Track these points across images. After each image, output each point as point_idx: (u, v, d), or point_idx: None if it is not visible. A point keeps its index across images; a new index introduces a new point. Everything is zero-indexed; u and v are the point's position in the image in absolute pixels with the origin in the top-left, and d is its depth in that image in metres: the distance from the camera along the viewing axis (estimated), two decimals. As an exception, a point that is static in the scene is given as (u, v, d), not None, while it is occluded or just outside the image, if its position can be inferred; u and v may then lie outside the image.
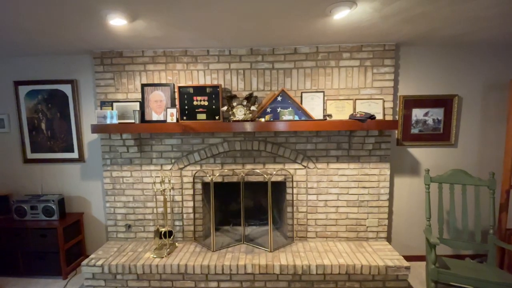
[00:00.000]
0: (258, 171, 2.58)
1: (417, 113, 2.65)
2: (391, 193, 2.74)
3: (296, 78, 2.54)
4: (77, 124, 2.75)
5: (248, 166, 2.63)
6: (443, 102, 2.62)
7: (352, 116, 2.34)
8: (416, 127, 2.66)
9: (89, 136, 2.78)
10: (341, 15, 1.79)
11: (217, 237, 2.70)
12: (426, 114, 2.65)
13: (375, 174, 2.59)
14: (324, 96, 2.50)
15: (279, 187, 2.79)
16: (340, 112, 2.48)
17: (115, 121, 2.46)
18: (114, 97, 2.62)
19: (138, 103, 2.56)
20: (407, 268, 2.21)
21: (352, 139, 2.51)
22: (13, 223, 2.59)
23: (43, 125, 2.77)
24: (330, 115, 2.40)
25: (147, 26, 1.96)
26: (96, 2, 1.57)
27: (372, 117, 2.27)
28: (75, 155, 2.79)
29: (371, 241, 2.65)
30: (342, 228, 2.65)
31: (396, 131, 2.68)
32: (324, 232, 2.66)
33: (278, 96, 2.44)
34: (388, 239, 2.79)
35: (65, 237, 2.60)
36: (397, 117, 2.65)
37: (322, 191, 2.62)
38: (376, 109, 2.48)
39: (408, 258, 2.77)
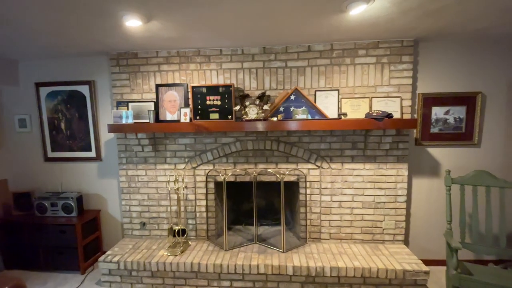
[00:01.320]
0: (270, 170, 2.56)
1: (437, 112, 2.54)
2: (409, 195, 2.65)
3: (309, 76, 2.49)
4: (94, 124, 2.83)
5: (261, 166, 2.61)
6: (465, 99, 2.50)
7: (368, 115, 2.27)
8: (436, 126, 2.55)
9: (105, 136, 2.86)
10: (358, 11, 1.74)
11: (229, 236, 2.71)
12: (447, 113, 2.54)
13: (392, 175, 2.50)
14: (338, 94, 2.44)
15: (292, 187, 2.76)
16: (356, 110, 2.41)
17: (131, 121, 2.50)
18: (129, 97, 2.68)
19: (152, 103, 2.60)
20: (426, 272, 2.12)
21: (368, 138, 2.44)
22: (35, 219, 2.70)
23: (62, 125, 2.87)
24: (345, 114, 2.34)
25: (161, 26, 1.98)
26: (113, 4, 1.60)
27: (389, 115, 2.20)
28: (92, 154, 2.88)
29: (388, 244, 2.57)
30: (357, 230, 2.58)
31: (415, 130, 2.58)
32: (338, 234, 2.60)
33: (291, 95, 2.41)
34: (406, 242, 2.70)
35: (83, 233, 2.68)
36: (415, 115, 2.56)
37: (337, 191, 2.56)
38: (394, 107, 2.40)
39: (427, 262, 2.66)
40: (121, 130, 2.43)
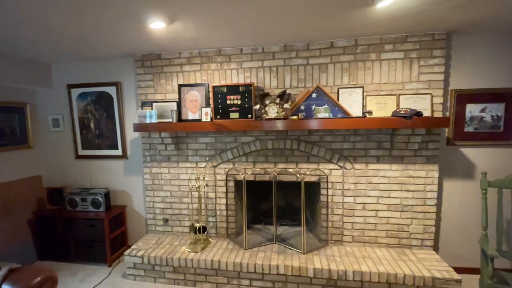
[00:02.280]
0: (290, 170, 2.52)
1: (472, 109, 2.36)
2: (439, 198, 2.49)
3: (332, 73, 2.42)
4: (121, 123, 2.95)
5: (280, 165, 2.58)
6: (504, 96, 2.30)
7: (395, 113, 2.16)
8: (470, 125, 2.38)
9: (131, 135, 2.97)
10: (385, 3, 1.65)
11: (249, 235, 2.71)
12: (483, 110, 2.35)
13: (421, 177, 2.36)
14: (363, 91, 2.35)
15: (313, 188, 2.70)
16: (382, 108, 2.31)
17: (155, 120, 2.58)
18: (153, 97, 2.76)
19: (175, 103, 2.66)
20: (458, 281, 1.99)
21: (395, 138, 2.32)
22: (66, 213, 2.87)
23: (92, 125, 3.03)
24: (370, 112, 2.24)
25: (183, 27, 2.01)
26: (139, 7, 1.64)
27: (418, 113, 2.07)
28: (119, 152, 3.00)
29: (415, 249, 2.43)
30: (382, 233, 2.48)
31: (447, 129, 2.41)
32: (361, 237, 2.51)
33: (312, 92, 2.35)
34: (435, 248, 2.54)
35: (110, 227, 2.81)
36: (447, 113, 2.40)
37: (360, 193, 2.47)
38: (423, 104, 2.26)
39: (458, 270, 2.48)
40: (146, 129, 2.51)
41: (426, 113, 2.26)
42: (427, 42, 2.26)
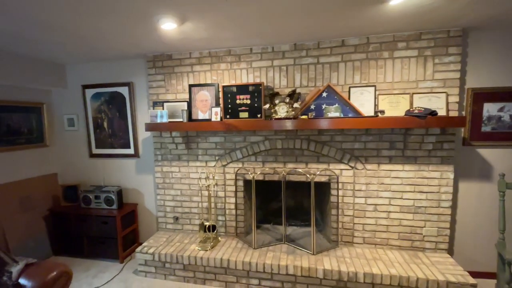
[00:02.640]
0: (300, 170, 2.50)
1: (490, 108, 2.28)
2: (454, 200, 2.41)
3: (343, 72, 2.38)
4: (133, 123, 3.01)
5: (290, 165, 2.57)
6: (525, 94, 2.21)
7: (408, 112, 2.11)
8: (488, 125, 2.30)
9: (143, 134, 3.02)
10: (399, 0, 1.61)
11: (258, 235, 2.71)
12: (501, 109, 2.27)
13: (435, 178, 2.30)
14: (375, 90, 2.30)
15: (323, 188, 2.67)
16: (395, 108, 2.26)
17: (166, 120, 2.61)
18: (164, 97, 2.80)
19: (186, 103, 2.68)
20: (473, 286, 1.93)
21: (408, 138, 2.27)
22: (80, 210, 2.95)
23: (105, 124, 3.10)
24: (382, 111, 2.19)
25: (194, 28, 2.03)
26: (150, 8, 1.67)
27: (433, 113, 2.02)
28: (131, 151, 3.06)
29: (429, 252, 2.37)
30: (393, 235, 2.42)
31: (463, 129, 2.34)
32: (372, 239, 2.47)
33: (323, 91, 2.33)
34: (450, 251, 2.46)
35: (122, 225, 2.87)
36: (463, 113, 2.32)
37: (372, 194, 2.43)
38: (438, 104, 2.20)
39: (474, 274, 2.39)
40: (157, 128, 2.55)
41: (441, 112, 2.20)
42: (442, 39, 2.20)
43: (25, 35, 2.07)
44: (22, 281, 1.63)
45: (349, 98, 2.33)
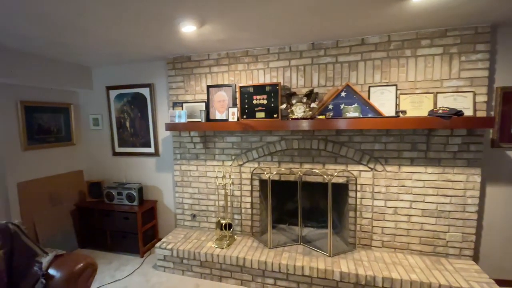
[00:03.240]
0: (317, 171, 2.48)
1: (522, 108, 2.14)
2: (481, 204, 2.29)
3: (363, 71, 2.33)
4: (153, 123, 3.11)
5: (306, 166, 2.55)
6: None
7: (432, 113, 2.03)
8: (520, 126, 2.16)
9: (163, 133, 3.12)
10: (423, -4, 1.56)
11: (273, 235, 2.71)
12: (535, 109, 2.13)
13: (460, 181, 2.20)
14: (396, 90, 2.23)
15: (340, 190, 2.63)
16: (417, 107, 2.18)
17: (184, 120, 2.68)
18: (183, 98, 2.87)
19: (204, 103, 2.74)
20: (502, 295, 1.82)
21: (431, 139, 2.19)
22: (104, 205, 3.09)
23: (127, 124, 3.23)
24: (404, 111, 2.12)
25: (212, 30, 2.07)
26: (172, 12, 1.72)
27: (459, 113, 1.93)
28: (151, 150, 3.17)
29: (452, 258, 2.27)
30: (414, 240, 2.34)
31: (491, 130, 2.22)
32: (392, 243, 2.39)
33: (341, 91, 2.29)
34: (475, 258, 2.34)
35: (142, 220, 2.98)
36: (492, 113, 2.20)
37: (392, 196, 2.36)
38: (464, 103, 2.10)
39: (500, 282, 2.27)
40: (176, 128, 2.63)
41: (468, 112, 2.09)
42: (469, 36, 2.09)
43: (55, 39, 2.20)
44: (51, 271, 1.73)
45: (368, 98, 2.28)
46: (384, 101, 2.24)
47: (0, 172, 2.59)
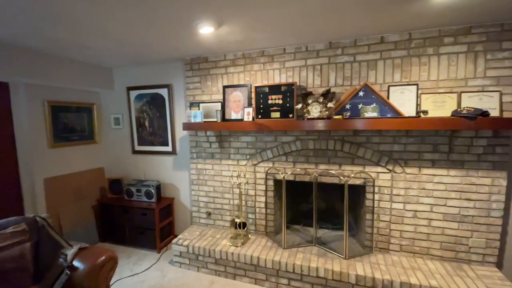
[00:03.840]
0: (333, 172, 2.45)
1: (556, 109, 2.01)
2: (507, 209, 2.18)
3: (382, 70, 2.28)
4: (171, 122, 3.19)
5: (322, 166, 2.52)
6: None
7: (456, 113, 1.95)
8: (552, 127, 2.03)
9: (180, 133, 3.19)
10: (447, -7, 1.50)
11: (287, 235, 2.71)
12: None
13: (485, 185, 2.10)
14: (417, 89, 2.17)
15: (357, 191, 2.58)
16: (439, 108, 2.10)
17: (201, 120, 2.72)
18: (200, 98, 2.92)
19: (219, 104, 2.78)
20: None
21: (454, 140, 2.10)
22: (124, 202, 3.20)
23: (146, 123, 3.33)
24: (425, 112, 2.05)
25: (229, 31, 2.09)
26: (192, 14, 1.76)
27: (484, 113, 1.85)
28: (169, 148, 3.25)
29: (475, 264, 2.18)
30: (435, 244, 2.26)
31: (520, 132, 2.10)
32: (411, 247, 2.33)
33: (359, 90, 2.25)
34: (498, 265, 2.23)
35: (160, 217, 3.07)
36: (521, 113, 2.09)
37: (411, 199, 2.29)
38: (490, 103, 2.00)
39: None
40: (193, 128, 2.68)
41: (494, 113, 2.00)
42: (496, 33, 2.00)
43: (80, 42, 2.31)
44: (75, 263, 1.82)
45: (388, 98, 2.23)
46: (404, 101, 2.18)
47: (28, 168, 2.75)
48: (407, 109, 2.17)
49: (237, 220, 2.71)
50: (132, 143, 3.44)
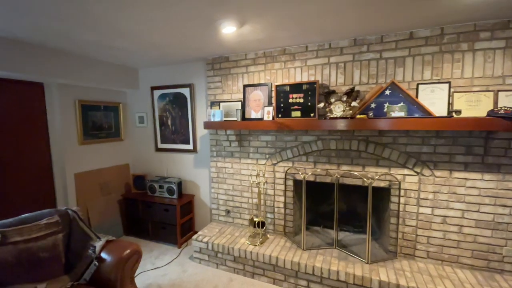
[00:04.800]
0: (356, 173, 2.38)
1: None
2: (551, 218, 2.00)
3: (410, 67, 2.17)
4: (192, 121, 3.26)
5: (344, 167, 2.45)
6: None
7: (492, 113, 1.81)
8: None
9: (201, 131, 3.25)
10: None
11: (307, 236, 2.67)
12: None
13: (525, 190, 1.94)
14: (449, 87, 2.04)
15: (381, 194, 2.49)
16: (474, 107, 1.97)
17: (221, 119, 2.75)
18: (221, 97, 2.95)
19: (240, 103, 2.79)
20: None
21: (490, 142, 1.96)
22: (147, 197, 3.32)
23: (169, 122, 3.43)
24: (458, 111, 1.93)
25: (252, 29, 2.09)
26: (216, 14, 1.78)
27: (526, 114, 1.70)
28: (190, 146, 3.32)
29: (508, 275, 2.02)
30: (466, 252, 2.13)
31: None
32: (439, 254, 2.20)
33: (386, 89, 2.16)
34: (540, 278, 2.06)
35: (181, 213, 3.14)
36: None
37: (441, 204, 2.17)
38: (533, 103, 1.84)
39: None
40: (213, 127, 2.71)
41: (538, 113, 1.83)
42: (543, 25, 1.83)
43: (108, 43, 2.41)
44: (103, 255, 1.90)
45: (416, 96, 2.12)
46: (434, 100, 2.06)
47: (60, 164, 2.93)
48: (438, 108, 2.05)
49: (256, 219, 2.72)
50: (155, 141, 3.56)
